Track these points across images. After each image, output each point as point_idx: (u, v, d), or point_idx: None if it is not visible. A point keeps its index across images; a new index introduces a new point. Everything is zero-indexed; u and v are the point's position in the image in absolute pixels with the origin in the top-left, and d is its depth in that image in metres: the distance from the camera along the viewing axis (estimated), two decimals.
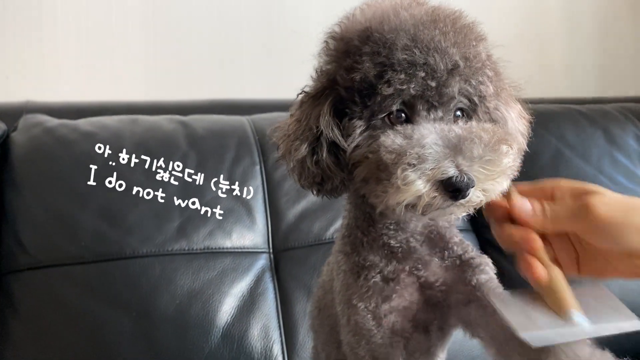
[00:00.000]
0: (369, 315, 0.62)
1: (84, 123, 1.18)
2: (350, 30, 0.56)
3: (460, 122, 0.55)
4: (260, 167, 1.18)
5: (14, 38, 1.42)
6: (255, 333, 1.03)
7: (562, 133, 1.44)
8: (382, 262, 0.63)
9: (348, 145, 0.55)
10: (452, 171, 0.48)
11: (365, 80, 0.53)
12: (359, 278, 0.63)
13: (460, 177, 0.48)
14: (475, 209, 0.54)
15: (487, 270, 0.64)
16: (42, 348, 0.97)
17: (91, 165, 1.07)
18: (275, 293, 1.09)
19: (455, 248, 0.65)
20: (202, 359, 0.98)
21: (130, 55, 1.51)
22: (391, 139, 0.51)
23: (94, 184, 1.06)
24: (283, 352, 1.03)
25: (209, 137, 1.19)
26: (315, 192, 0.61)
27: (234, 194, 1.13)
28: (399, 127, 0.53)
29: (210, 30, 1.57)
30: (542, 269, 0.54)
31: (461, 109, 0.56)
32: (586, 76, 2.10)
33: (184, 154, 1.14)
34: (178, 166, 1.11)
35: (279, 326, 1.05)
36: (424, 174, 0.48)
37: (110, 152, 1.10)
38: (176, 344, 0.98)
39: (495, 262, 1.32)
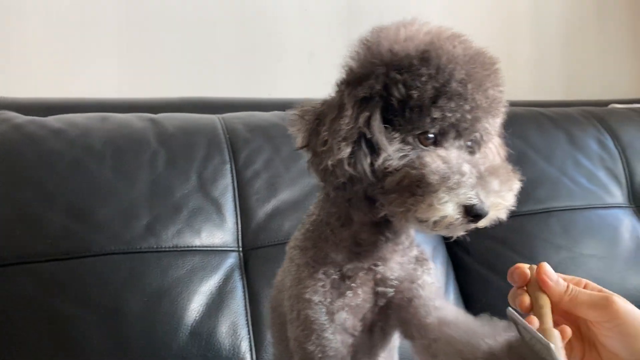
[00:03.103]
0: (323, 309, 0.64)
1: (53, 120, 1.17)
2: (404, 48, 0.58)
3: (477, 154, 0.61)
4: (231, 166, 1.19)
5: None
6: (223, 330, 1.04)
7: (527, 135, 1.48)
8: (344, 261, 0.66)
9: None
10: (475, 200, 0.54)
11: (420, 99, 0.56)
12: (315, 273, 0.65)
13: (481, 204, 0.54)
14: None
15: (432, 274, 0.70)
16: (7, 347, 0.96)
17: (59, 163, 1.07)
18: (244, 291, 1.09)
19: (414, 248, 0.70)
20: (171, 356, 0.98)
21: (102, 52, 1.50)
22: (436, 162, 0.55)
23: (62, 181, 1.05)
24: (251, 349, 1.05)
25: (179, 135, 1.19)
26: (331, 189, 0.62)
27: (204, 192, 1.14)
28: (431, 148, 0.58)
29: (184, 28, 1.57)
30: (536, 321, 0.57)
31: (471, 140, 0.61)
32: (552, 80, 2.16)
33: (154, 151, 1.14)
34: (148, 163, 1.11)
35: (247, 323, 1.06)
36: (455, 198, 0.54)
37: (79, 149, 1.09)
38: (144, 341, 0.98)
39: (460, 260, 1.35)
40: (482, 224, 0.57)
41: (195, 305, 1.04)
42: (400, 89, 0.57)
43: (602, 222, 1.42)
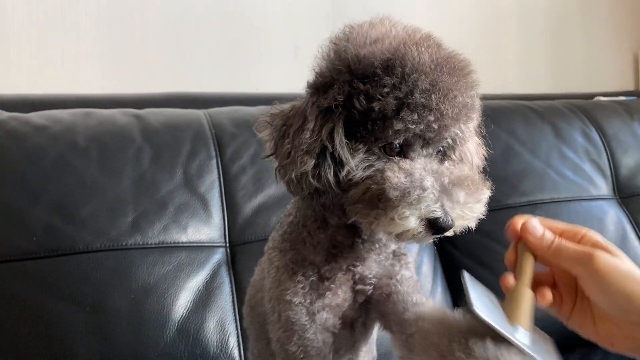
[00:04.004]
0: (304, 310, 0.64)
1: (35, 116, 1.15)
2: (369, 54, 0.57)
3: (446, 163, 0.60)
4: (217, 161, 1.18)
5: None
6: (211, 326, 1.03)
7: (513, 128, 1.49)
8: (322, 262, 0.66)
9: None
10: (439, 213, 0.53)
11: (382, 111, 0.55)
12: (294, 274, 0.65)
13: (446, 218, 0.53)
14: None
15: (410, 268, 0.70)
16: None
17: (43, 159, 1.06)
18: (232, 287, 1.09)
19: (391, 244, 0.70)
20: (158, 353, 0.98)
21: (85, 47, 1.48)
22: (397, 177, 0.54)
23: (46, 177, 1.04)
24: (239, 344, 1.04)
25: (164, 130, 1.18)
26: (299, 197, 0.64)
27: (190, 188, 1.13)
28: (396, 160, 0.57)
29: (167, 23, 1.56)
30: (512, 279, 0.58)
31: (442, 146, 0.60)
32: (538, 73, 2.17)
33: (139, 147, 1.13)
34: (133, 159, 1.10)
35: (235, 319, 1.06)
36: (417, 213, 0.53)
37: (63, 145, 1.08)
38: (131, 338, 0.98)
39: (447, 254, 1.36)
40: (448, 234, 0.56)
41: (183, 302, 1.03)
42: (361, 100, 0.56)
43: (587, 214, 1.43)
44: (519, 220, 0.61)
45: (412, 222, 0.53)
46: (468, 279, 0.59)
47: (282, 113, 0.63)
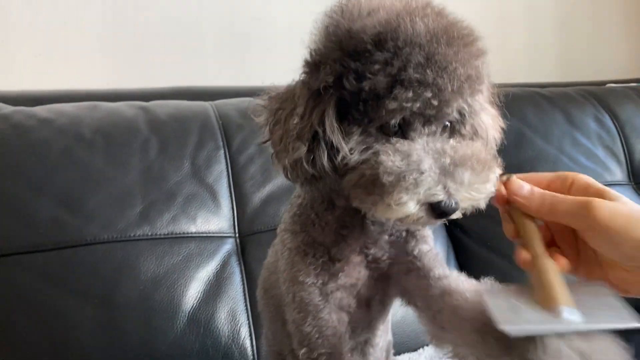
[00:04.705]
0: (317, 291, 0.62)
1: (41, 110, 1.14)
2: (360, 28, 0.53)
3: (452, 140, 0.54)
4: (225, 152, 1.17)
5: None
6: (222, 317, 1.01)
7: (524, 114, 1.46)
8: (332, 243, 0.64)
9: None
10: (441, 196, 0.49)
11: (373, 90, 0.51)
12: (306, 256, 0.63)
13: (449, 201, 0.49)
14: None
15: (428, 242, 0.66)
16: (0, 340, 0.94)
17: (49, 152, 1.05)
18: (242, 277, 1.07)
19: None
20: (168, 344, 0.96)
21: (88, 42, 1.47)
22: (391, 159, 0.50)
23: (52, 170, 1.03)
24: (250, 335, 1.02)
25: (171, 122, 1.17)
26: (298, 185, 0.60)
27: (198, 178, 1.12)
28: (394, 141, 0.52)
29: (171, 17, 1.54)
30: (525, 253, 0.53)
31: (450, 121, 0.56)
32: (548, 62, 2.14)
33: (146, 139, 1.12)
34: (140, 150, 1.09)
35: (246, 309, 1.04)
36: (415, 197, 0.49)
37: (69, 137, 1.07)
38: (141, 329, 0.96)
39: (459, 241, 1.33)
40: (455, 216, 0.52)
41: (193, 292, 1.02)
42: (351, 80, 0.52)
43: None
44: (500, 183, 0.55)
45: (411, 207, 0.49)
46: (488, 297, 0.52)
47: (277, 96, 0.59)
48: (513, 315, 0.48)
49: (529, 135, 1.44)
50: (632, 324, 0.47)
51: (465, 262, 1.30)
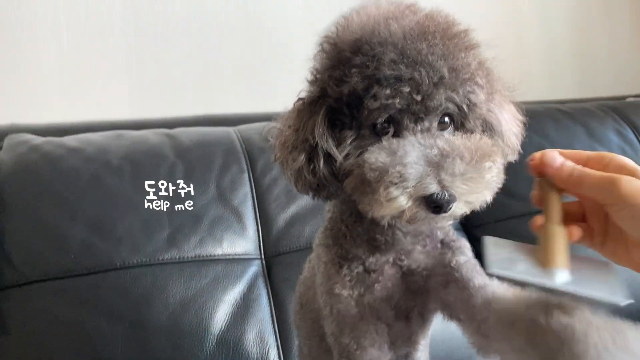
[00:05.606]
0: (353, 303, 0.62)
1: (69, 139, 1.17)
2: (342, 38, 0.55)
3: (447, 132, 0.56)
4: (249, 174, 1.19)
5: None
6: (250, 338, 1.02)
7: (545, 130, 1.46)
8: (365, 255, 0.64)
9: (340, 155, 0.56)
10: (433, 188, 0.48)
11: (354, 93, 0.53)
12: (341, 268, 0.64)
13: (442, 193, 0.48)
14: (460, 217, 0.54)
15: (465, 252, 0.65)
16: None
17: (78, 179, 1.07)
18: (269, 298, 1.08)
19: (438, 233, 0.66)
20: None
21: (114, 76, 1.52)
22: (375, 156, 0.51)
23: (82, 196, 1.05)
24: (279, 356, 1.02)
25: (196, 147, 1.19)
26: (311, 196, 0.61)
27: (223, 201, 1.13)
28: (384, 141, 0.53)
29: (192, 47, 1.58)
30: (540, 219, 0.54)
31: (449, 115, 0.56)
32: (565, 78, 2.14)
33: (171, 164, 1.14)
34: (166, 175, 1.11)
35: (274, 331, 1.04)
36: (406, 192, 0.49)
37: (97, 165, 1.09)
38: (170, 352, 0.97)
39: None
40: (459, 211, 0.51)
41: (221, 315, 1.02)
42: (332, 86, 0.54)
43: None
44: (539, 154, 0.56)
45: (402, 201, 0.49)
46: (489, 243, 0.55)
47: (284, 115, 0.63)
48: (506, 264, 0.51)
49: None
50: (617, 299, 0.49)
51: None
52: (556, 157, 0.55)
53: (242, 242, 1.11)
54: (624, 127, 1.55)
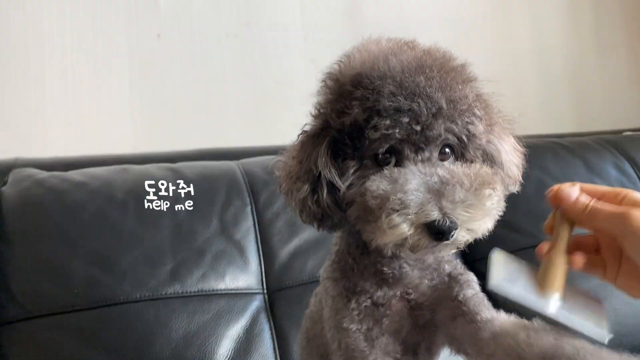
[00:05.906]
0: (361, 337, 0.62)
1: (74, 174, 1.18)
2: (344, 74, 0.58)
3: (447, 162, 0.57)
4: (251, 208, 1.19)
5: (0, 96, 1.44)
6: None
7: (544, 164, 1.48)
8: (373, 288, 0.64)
9: (343, 185, 0.58)
10: (435, 215, 0.50)
11: (355, 125, 0.55)
12: (349, 302, 0.64)
13: (443, 220, 0.50)
14: (463, 246, 0.56)
15: (473, 286, 0.66)
16: None
17: (82, 213, 1.08)
18: (272, 333, 1.07)
19: (445, 266, 0.67)
20: None
21: (118, 111, 1.54)
22: (376, 185, 0.53)
23: (85, 231, 1.06)
24: None
25: (199, 181, 1.20)
26: (316, 227, 0.63)
27: (226, 235, 1.13)
28: (386, 170, 0.55)
29: (195, 82, 1.61)
30: (546, 246, 0.58)
31: (450, 146, 0.58)
32: (562, 115, 2.17)
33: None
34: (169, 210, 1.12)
35: None
36: (408, 218, 0.50)
37: (101, 199, 1.10)
38: None
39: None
40: (461, 239, 0.53)
41: (223, 350, 1.02)
42: (334, 118, 0.57)
43: None
44: (555, 188, 0.60)
45: (405, 228, 0.50)
46: (496, 258, 0.58)
47: (289, 148, 0.65)
48: (506, 282, 0.54)
49: (550, 184, 1.41)
50: (600, 334, 0.53)
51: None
52: (572, 193, 0.58)
53: (244, 277, 1.11)
54: (622, 160, 1.57)
